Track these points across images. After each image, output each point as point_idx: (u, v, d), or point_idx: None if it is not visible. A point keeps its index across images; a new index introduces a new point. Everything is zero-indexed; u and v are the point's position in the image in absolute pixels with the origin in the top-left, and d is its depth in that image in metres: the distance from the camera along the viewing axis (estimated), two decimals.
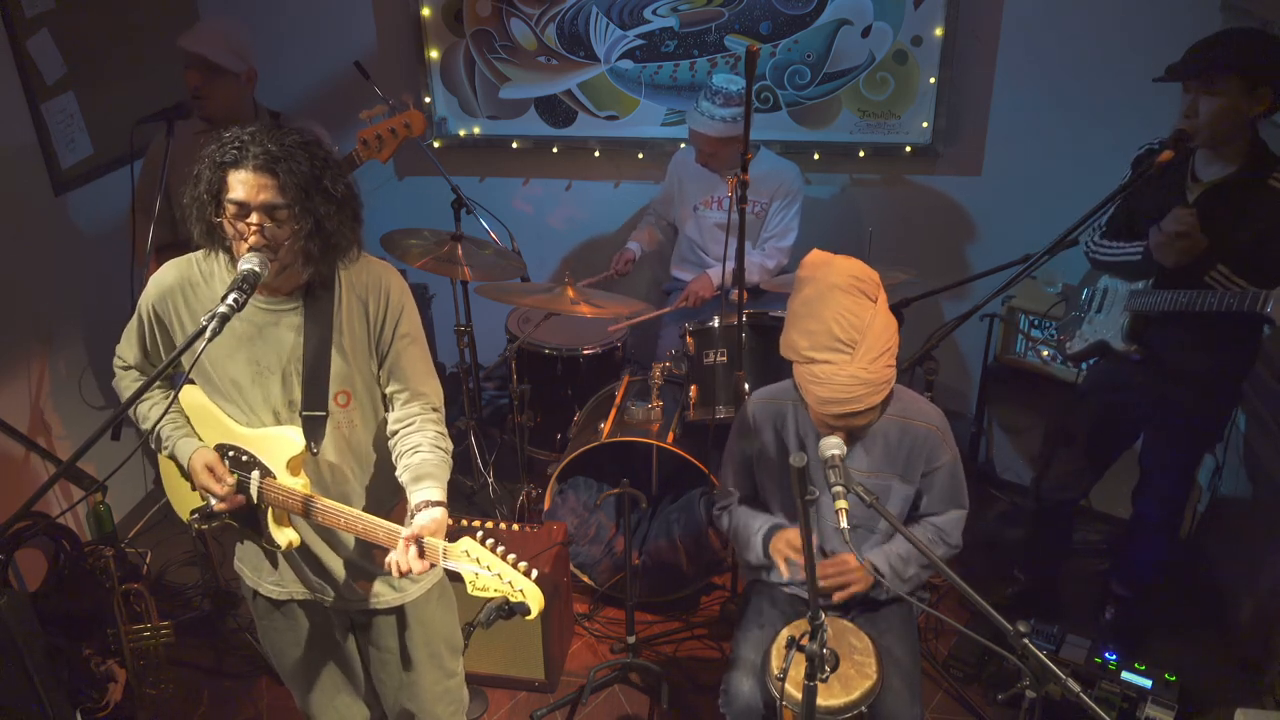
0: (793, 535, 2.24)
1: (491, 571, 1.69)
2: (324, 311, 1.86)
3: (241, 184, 1.70)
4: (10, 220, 3.13)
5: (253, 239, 1.71)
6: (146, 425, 1.98)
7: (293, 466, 1.88)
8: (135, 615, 2.82)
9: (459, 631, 2.26)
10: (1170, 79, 2.37)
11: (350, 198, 1.81)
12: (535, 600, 1.69)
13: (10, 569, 2.78)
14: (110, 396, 3.56)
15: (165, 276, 1.89)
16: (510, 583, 1.68)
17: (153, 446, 1.97)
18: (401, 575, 1.76)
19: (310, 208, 1.72)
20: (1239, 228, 2.35)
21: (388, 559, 1.76)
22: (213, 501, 1.93)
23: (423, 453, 1.88)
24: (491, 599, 1.72)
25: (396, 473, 1.90)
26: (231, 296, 1.67)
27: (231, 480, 1.91)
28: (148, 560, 3.43)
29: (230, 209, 1.72)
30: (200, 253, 1.88)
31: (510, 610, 1.72)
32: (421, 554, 1.74)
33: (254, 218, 1.71)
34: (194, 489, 1.97)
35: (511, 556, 1.70)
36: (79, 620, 2.89)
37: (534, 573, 1.69)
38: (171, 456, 1.97)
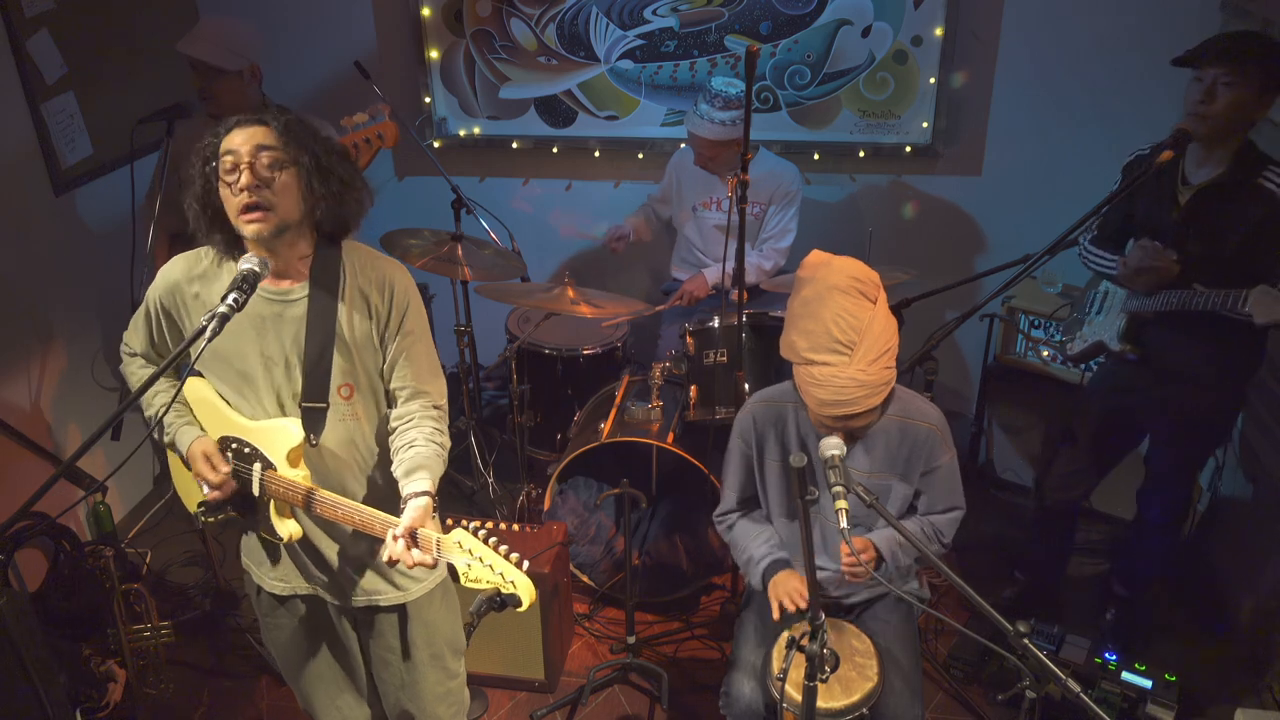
0: (796, 582, 2.22)
1: (484, 563, 1.69)
2: (328, 303, 1.87)
3: (233, 139, 1.75)
4: (10, 220, 3.13)
5: (244, 179, 1.72)
6: (150, 413, 1.99)
7: (292, 458, 1.88)
8: (135, 615, 2.82)
9: (462, 633, 2.25)
10: (1190, 63, 2.37)
11: (344, 149, 1.89)
12: (526, 591, 1.69)
13: (10, 569, 2.77)
14: (109, 397, 3.57)
15: (173, 270, 1.90)
16: (502, 574, 1.68)
17: (154, 435, 1.98)
18: (392, 564, 1.77)
19: (305, 145, 1.77)
20: (1228, 229, 2.37)
21: (382, 550, 1.77)
22: (205, 488, 1.94)
23: (417, 446, 1.88)
24: (483, 590, 1.73)
25: (392, 467, 1.91)
26: (231, 296, 1.68)
27: (226, 469, 1.92)
28: (148, 560, 3.43)
29: (225, 163, 1.74)
30: (207, 247, 1.89)
31: (502, 602, 1.72)
32: (415, 546, 1.75)
33: (245, 159, 1.73)
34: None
35: (504, 548, 1.70)
36: (79, 620, 2.89)
37: (525, 564, 1.69)
38: (172, 444, 1.98)
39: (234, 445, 1.94)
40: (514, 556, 1.69)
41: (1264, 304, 2.23)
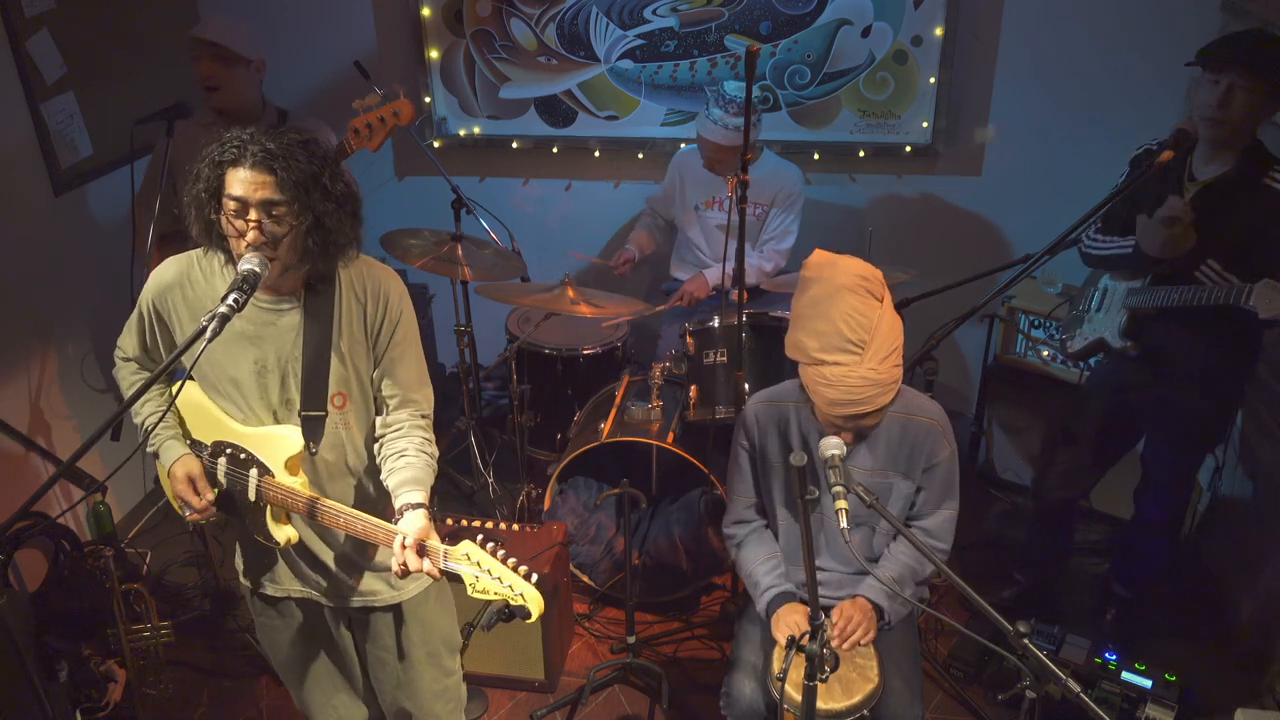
0: (799, 616, 2.18)
1: (492, 575, 1.70)
2: (323, 312, 1.87)
3: (240, 181, 1.70)
4: (10, 220, 3.12)
5: (251, 235, 1.71)
6: (137, 420, 1.98)
7: (291, 466, 1.88)
8: (135, 615, 2.82)
9: (457, 630, 2.26)
10: (1205, 64, 2.36)
11: (350, 196, 1.81)
12: (535, 604, 1.70)
13: (10, 569, 2.77)
14: (108, 397, 3.56)
15: (165, 273, 1.89)
16: (510, 586, 1.69)
17: (139, 440, 1.97)
18: (404, 576, 1.77)
19: (309, 204, 1.73)
20: (1233, 224, 2.36)
21: (392, 560, 1.77)
22: (185, 512, 1.94)
23: (408, 457, 1.89)
24: (491, 602, 1.73)
25: (382, 476, 1.91)
26: (232, 297, 1.67)
27: (210, 497, 1.92)
28: (148, 560, 3.43)
29: (229, 206, 1.72)
30: (200, 250, 1.88)
31: (511, 614, 1.74)
32: (423, 555, 1.75)
33: (252, 214, 1.71)
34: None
35: (512, 560, 1.70)
36: (79, 620, 2.88)
37: (534, 576, 1.70)
38: (156, 454, 1.96)
39: (228, 450, 1.93)
40: (522, 569, 1.70)
41: (1267, 297, 2.23)
